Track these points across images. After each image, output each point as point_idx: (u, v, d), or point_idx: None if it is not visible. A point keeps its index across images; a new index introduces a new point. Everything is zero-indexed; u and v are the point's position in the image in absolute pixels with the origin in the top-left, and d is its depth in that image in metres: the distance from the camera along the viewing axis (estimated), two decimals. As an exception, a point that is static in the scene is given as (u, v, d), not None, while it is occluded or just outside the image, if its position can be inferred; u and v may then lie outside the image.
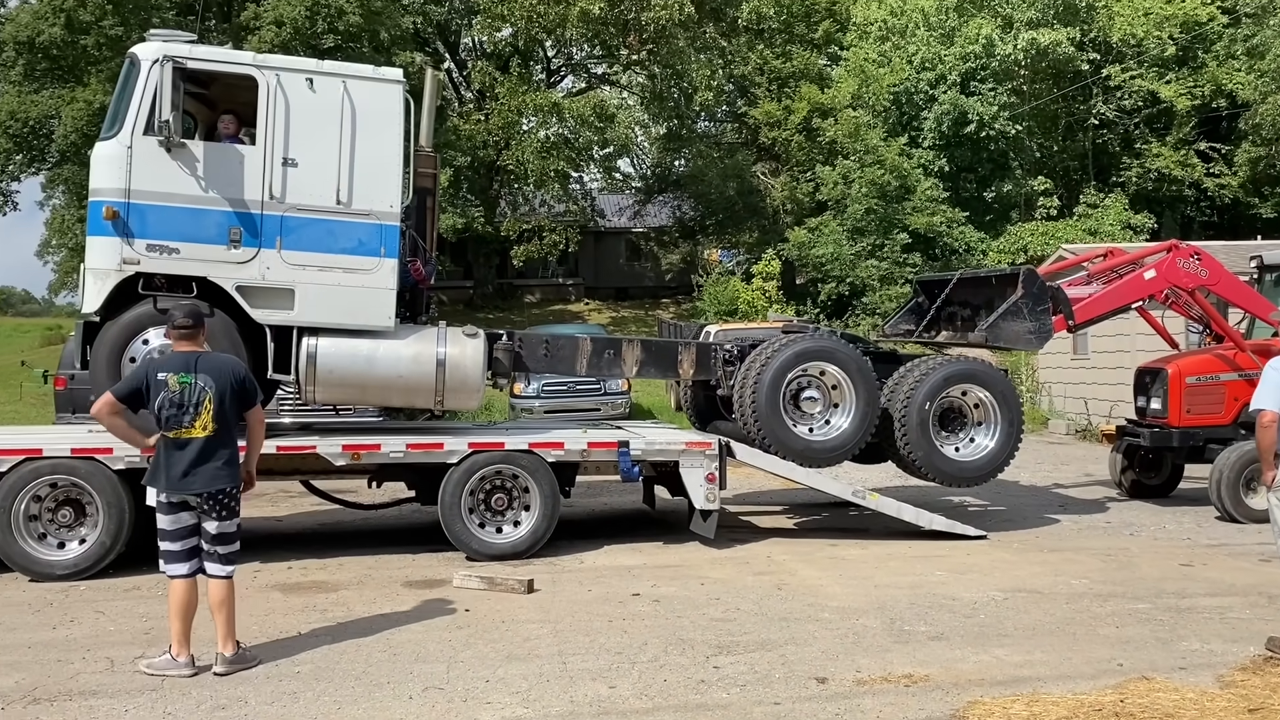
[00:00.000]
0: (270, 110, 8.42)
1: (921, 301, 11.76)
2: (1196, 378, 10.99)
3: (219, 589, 5.86)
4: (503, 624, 6.82)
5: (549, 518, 8.83)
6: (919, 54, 32.97)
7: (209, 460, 5.77)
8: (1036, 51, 31.33)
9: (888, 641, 6.39)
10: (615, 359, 9.90)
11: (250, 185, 8.38)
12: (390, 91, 8.75)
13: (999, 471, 9.91)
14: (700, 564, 8.66)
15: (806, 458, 9.41)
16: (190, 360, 5.84)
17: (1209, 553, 9.03)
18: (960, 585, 7.83)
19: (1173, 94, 31.19)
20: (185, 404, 5.73)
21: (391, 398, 9.12)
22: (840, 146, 31.98)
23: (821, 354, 9.52)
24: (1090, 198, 32.20)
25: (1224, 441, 10.76)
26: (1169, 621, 6.81)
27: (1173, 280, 10.74)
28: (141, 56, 8.27)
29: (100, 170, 8.30)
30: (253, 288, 8.41)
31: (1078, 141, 34.69)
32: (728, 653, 6.19)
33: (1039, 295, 9.86)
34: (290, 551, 9.14)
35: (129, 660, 6.09)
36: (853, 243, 31.01)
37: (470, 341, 8.89)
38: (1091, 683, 5.59)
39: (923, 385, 9.53)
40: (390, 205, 8.68)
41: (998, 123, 31.57)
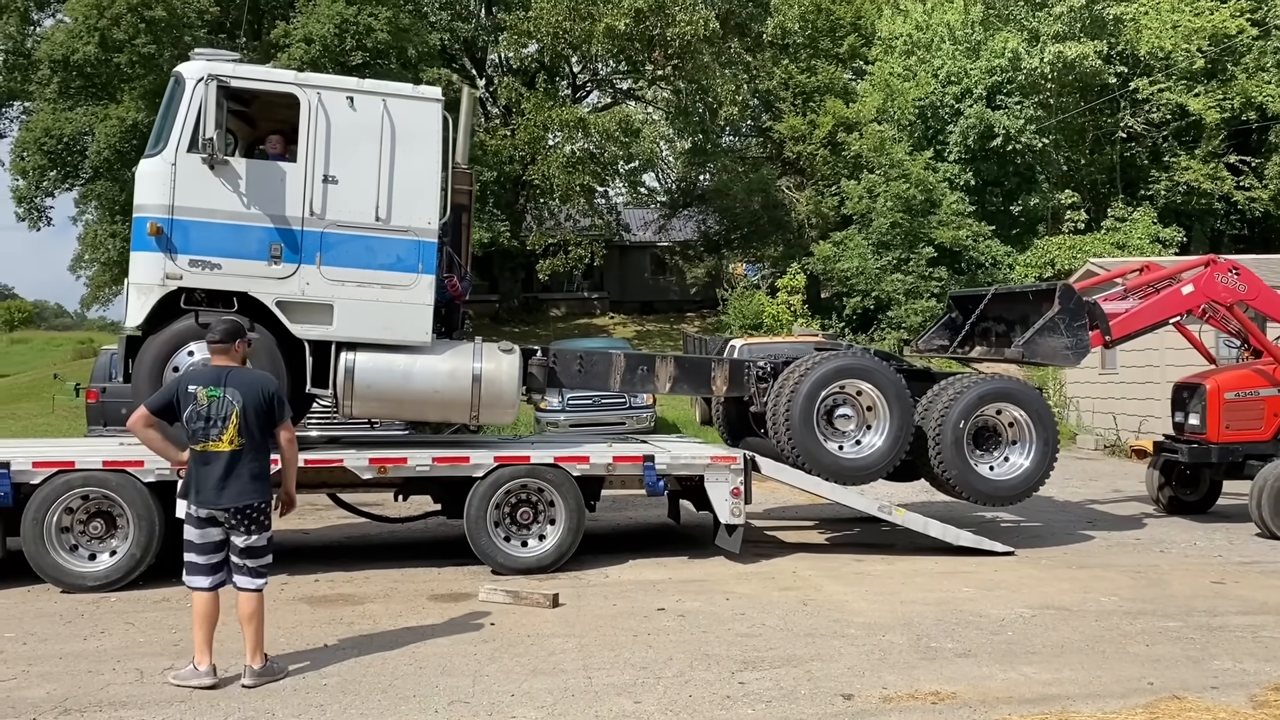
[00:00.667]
0: (311, 128, 8.55)
1: (955, 317, 11.73)
2: (1235, 393, 10.88)
3: (248, 602, 5.90)
4: (528, 638, 6.83)
5: (574, 532, 8.84)
6: (944, 68, 32.92)
7: (236, 475, 5.81)
8: (1063, 65, 31.18)
9: (914, 658, 6.35)
10: (649, 375, 9.94)
11: (291, 202, 8.52)
12: (429, 109, 8.89)
13: (1034, 490, 9.85)
14: (725, 579, 8.64)
15: (839, 475, 9.38)
16: (221, 374, 5.91)
17: (1241, 570, 8.92)
18: (988, 602, 7.77)
19: (1201, 107, 30.94)
20: (213, 417, 5.79)
21: (428, 413, 9.19)
22: (865, 160, 31.96)
23: (856, 372, 9.50)
24: (1119, 211, 31.98)
25: (1263, 457, 10.67)
26: (1200, 640, 6.73)
27: (1211, 295, 10.66)
28: (186, 75, 8.43)
29: (145, 187, 8.45)
30: (292, 303, 8.54)
31: (1105, 155, 34.44)
32: (753, 668, 6.17)
33: (1076, 311, 9.81)
34: (318, 565, 9.19)
35: (158, 671, 6.15)
36: (878, 256, 30.94)
37: (506, 357, 8.97)
38: (1121, 701, 5.54)
39: (957, 403, 9.47)
40: (428, 222, 8.80)
41: (1024, 136, 31.45)
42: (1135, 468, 16.35)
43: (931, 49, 33.65)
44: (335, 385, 8.59)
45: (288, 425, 6.09)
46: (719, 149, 37.40)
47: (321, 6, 28.21)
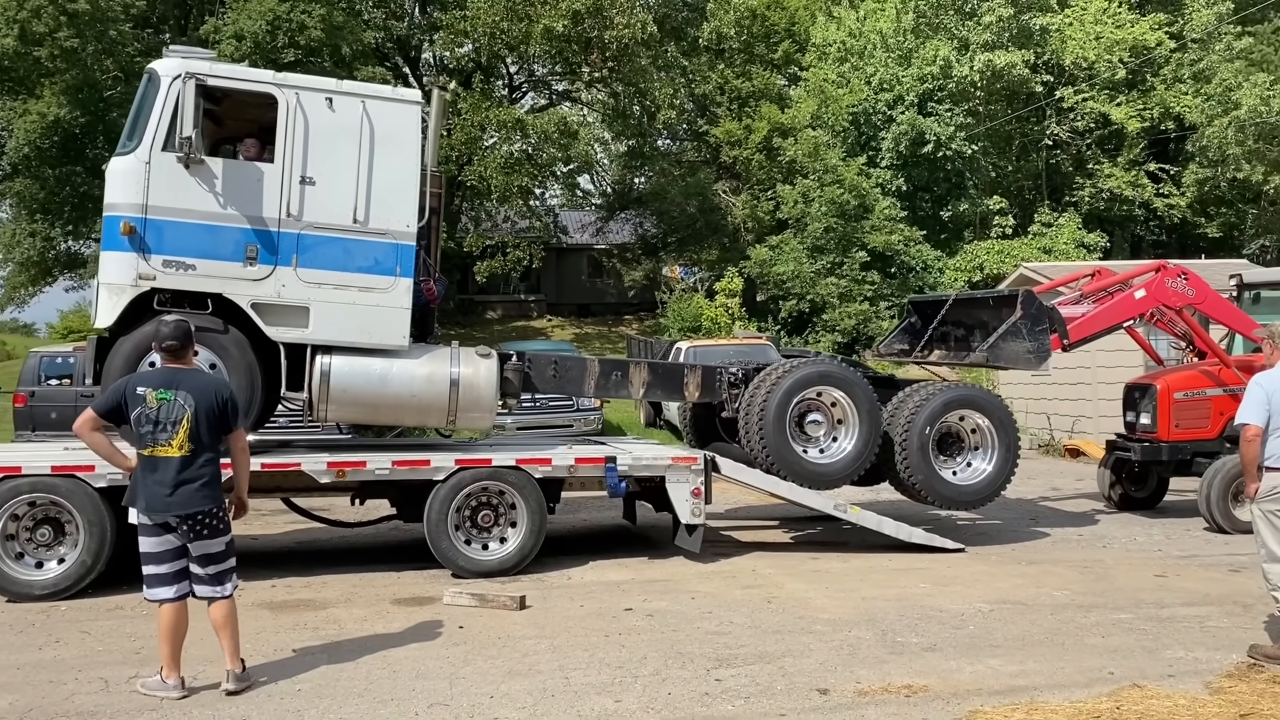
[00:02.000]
0: (289, 129, 8.45)
1: (914, 321, 11.99)
2: (1184, 393, 11.23)
3: (218, 610, 5.75)
4: (499, 640, 6.82)
5: (536, 534, 8.84)
6: (877, 75, 33.51)
7: (186, 481, 5.59)
8: (992, 73, 31.94)
9: (883, 653, 6.48)
10: (623, 380, 9.98)
11: (268, 203, 8.40)
12: (408, 112, 8.85)
13: (997, 494, 10.11)
14: (688, 578, 8.71)
15: (811, 479, 9.51)
16: (173, 377, 5.69)
17: (1181, 564, 9.25)
18: (945, 597, 7.95)
19: (1123, 116, 31.93)
20: (162, 421, 5.57)
21: (404, 417, 9.13)
22: (800, 166, 32.36)
23: (827, 379, 9.64)
24: (1045, 217, 32.84)
25: (1211, 455, 11.02)
26: (1152, 631, 6.97)
27: (1161, 299, 10.99)
28: (161, 72, 8.26)
29: (117, 185, 8.27)
30: (268, 305, 8.42)
31: (1031, 162, 35.35)
32: (727, 665, 6.24)
33: (1037, 316, 10.08)
34: (271, 570, 9.04)
35: (124, 680, 6.02)
36: (813, 260, 31.36)
37: (484, 362, 8.94)
38: (1086, 691, 5.72)
39: (923, 410, 9.68)
40: (406, 225, 8.74)
41: (954, 143, 32.15)
42: (1070, 466, 16.86)
43: (864, 56, 34.24)
44: (310, 389, 8.48)
45: (240, 432, 5.94)
46: (656, 152, 37.58)
47: (253, 3, 27.69)
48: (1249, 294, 12.11)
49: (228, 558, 5.81)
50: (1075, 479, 15.03)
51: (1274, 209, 33.45)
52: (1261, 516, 6.28)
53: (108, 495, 8.05)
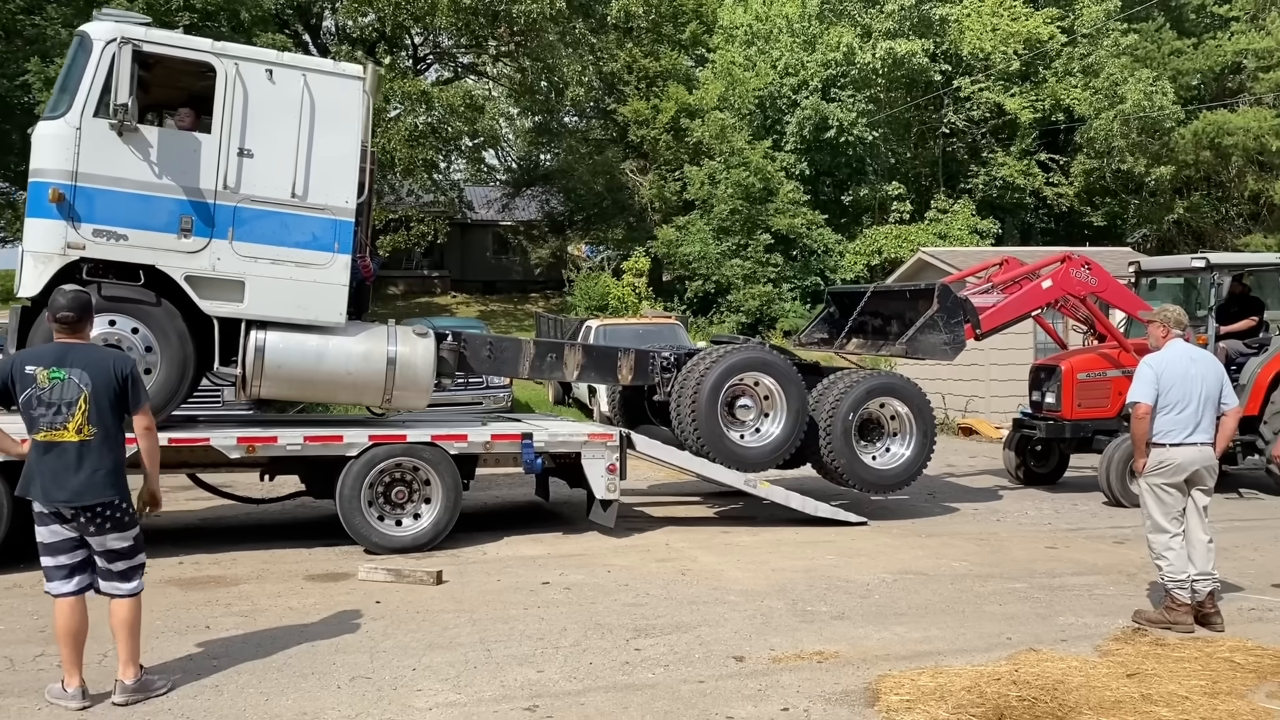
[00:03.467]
0: (228, 100, 8.27)
1: (833, 312, 12.38)
2: (1086, 374, 11.80)
3: (120, 609, 5.23)
4: (418, 614, 6.84)
5: (451, 510, 8.85)
6: (783, 59, 33.94)
7: (85, 468, 5.06)
8: (893, 61, 32.63)
9: (794, 622, 6.71)
10: (558, 362, 10.05)
11: (204, 174, 8.23)
12: (350, 86, 8.74)
13: (914, 478, 10.47)
14: (603, 552, 8.84)
15: (740, 462, 9.73)
16: (65, 353, 5.15)
17: (1069, 536, 9.73)
18: (851, 568, 8.24)
19: (1017, 107, 32.97)
20: (55, 403, 5.05)
21: (339, 394, 9.05)
22: (707, 147, 32.65)
23: (758, 365, 9.88)
24: (940, 203, 33.74)
25: (1110, 433, 11.63)
26: (1045, 599, 7.35)
27: (1067, 289, 11.48)
28: (94, 36, 8.01)
29: (45, 150, 7.99)
30: (202, 278, 8.26)
31: (929, 149, 36.29)
32: (645, 635, 6.39)
33: (953, 309, 10.47)
34: (178, 547, 8.88)
35: (29, 659, 5.89)
36: (719, 242, 31.72)
37: (421, 341, 8.90)
38: (986, 655, 6.02)
39: (847, 397, 9.98)
40: (345, 201, 8.66)
41: (856, 129, 32.78)
42: (964, 444, 17.49)
43: (770, 40, 34.62)
44: (244, 364, 8.33)
45: (145, 410, 5.30)
46: (564, 129, 37.46)
47: (147, -38, 26.65)
48: (1145, 280, 12.74)
49: (136, 553, 5.31)
50: (969, 456, 15.62)
51: (1154, 200, 34.98)
52: (1148, 489, 6.68)
53: (3, 471, 7.80)
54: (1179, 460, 6.53)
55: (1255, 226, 34.35)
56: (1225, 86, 35.14)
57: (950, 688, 5.42)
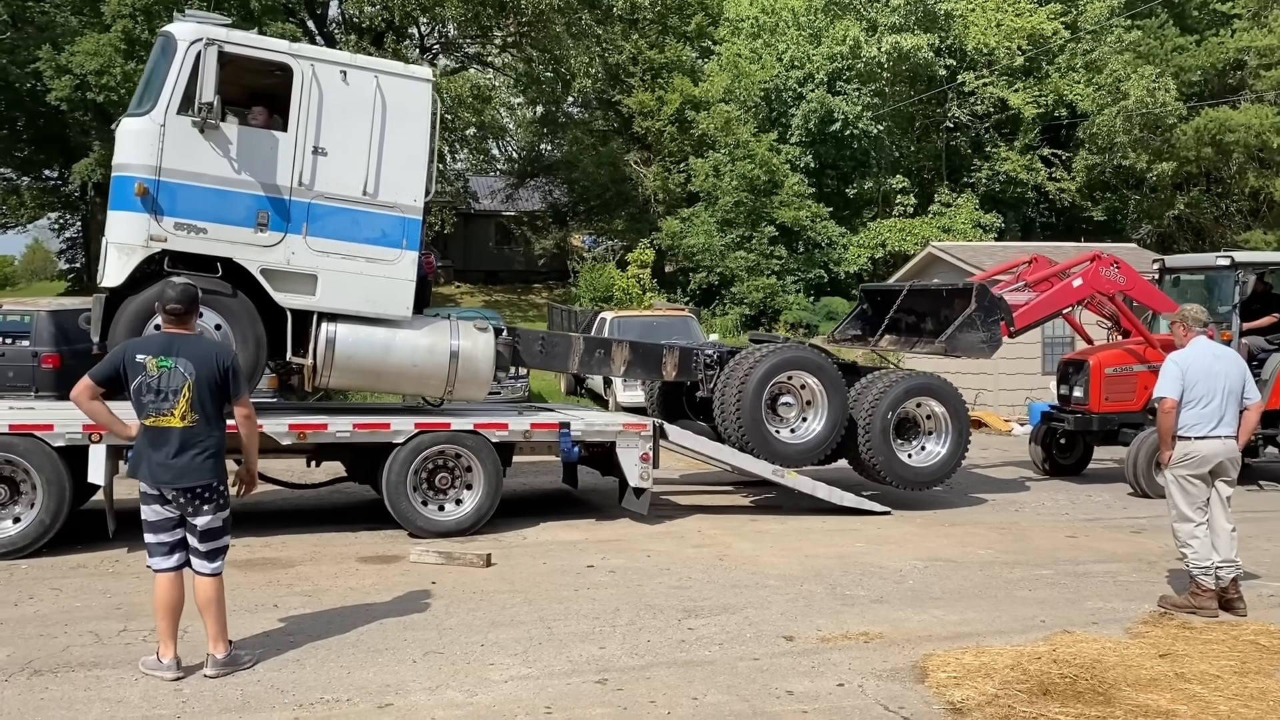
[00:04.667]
0: (304, 99, 8.59)
1: (866, 309, 12.71)
2: (1114, 368, 12.14)
3: (205, 587, 5.51)
4: (475, 595, 7.13)
5: (492, 496, 9.14)
6: (788, 52, 34.19)
7: (188, 452, 5.37)
8: (899, 55, 32.90)
9: (836, 605, 7.01)
10: (605, 358, 10.41)
11: (281, 171, 8.55)
12: (420, 89, 9.09)
13: (949, 476, 10.79)
14: (639, 538, 9.13)
15: (783, 458, 10.05)
16: (172, 343, 5.45)
17: (1087, 526, 10.05)
18: (882, 555, 8.55)
19: (1020, 102, 33.26)
20: (163, 390, 5.35)
21: (403, 385, 9.33)
22: (711, 139, 32.88)
23: (801, 364, 10.21)
24: (944, 197, 34.05)
25: (1136, 426, 11.97)
26: (1071, 585, 7.67)
27: (1097, 287, 11.78)
28: (178, 36, 8.33)
29: (129, 146, 8.31)
30: (277, 271, 8.59)
31: (932, 143, 36.57)
32: (695, 616, 6.69)
33: (990, 307, 10.77)
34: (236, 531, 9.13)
35: (114, 634, 6.17)
36: (723, 234, 31.98)
37: (482, 336, 9.24)
38: (1022, 636, 6.33)
39: (886, 396, 10.30)
40: (414, 199, 9.01)
41: (861, 122, 33.07)
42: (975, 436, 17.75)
43: (776, 33, 34.86)
44: (315, 355, 8.64)
45: (244, 399, 5.63)
46: (571, 120, 37.64)
47: (160, -49, 26.83)
48: (1170, 278, 13.08)
49: (222, 535, 5.59)
50: (980, 448, 15.83)
51: (1154, 195, 35.34)
52: (1174, 480, 6.98)
53: (66, 454, 8.07)
54: (1204, 452, 6.84)
55: (1255, 223, 34.73)
56: (1226, 83, 35.44)
57: (994, 665, 5.73)
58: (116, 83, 26.13)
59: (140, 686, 5.33)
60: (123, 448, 8.16)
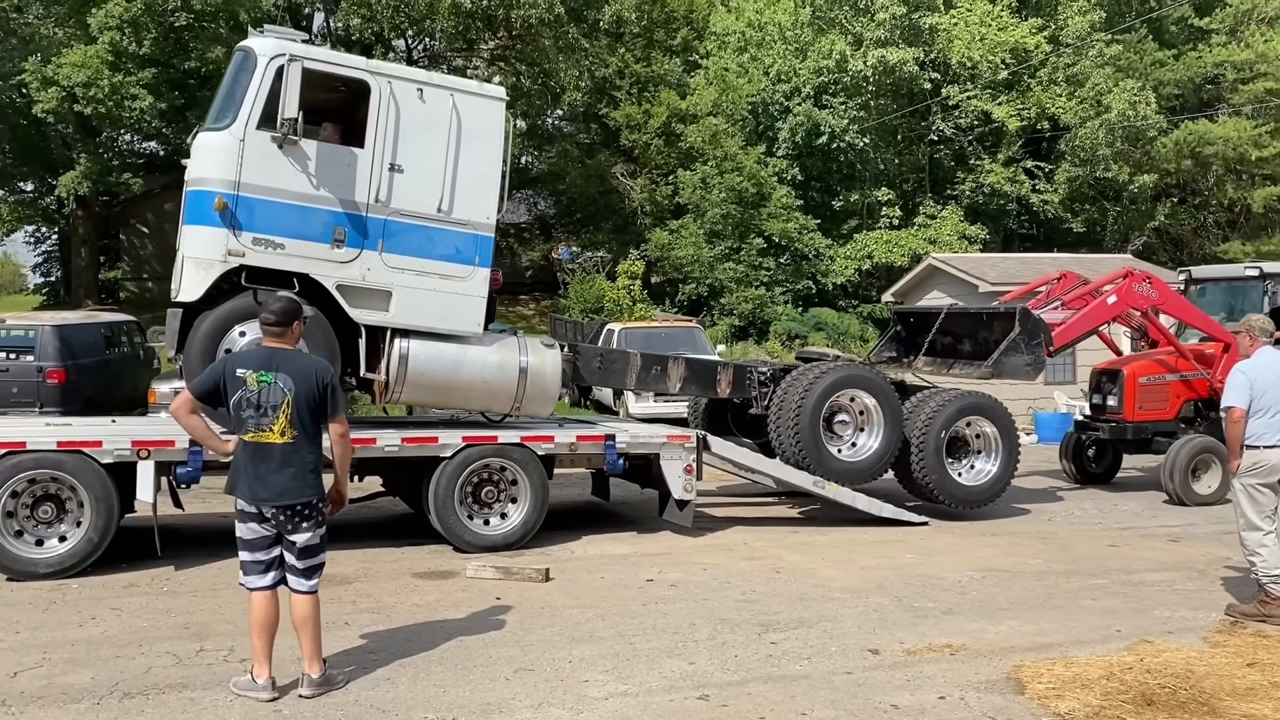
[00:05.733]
0: (381, 116, 8.55)
1: (899, 330, 12.82)
2: (1147, 378, 12.30)
3: (301, 605, 5.42)
4: (544, 610, 7.06)
5: (539, 509, 9.07)
6: (775, 66, 34.37)
7: (288, 469, 5.30)
8: (884, 69, 33.17)
9: (909, 617, 7.00)
10: (662, 374, 10.43)
11: (358, 188, 8.50)
12: (494, 108, 9.11)
13: (1000, 494, 10.84)
14: (687, 551, 9.09)
15: (841, 476, 10.12)
16: (272, 358, 5.40)
17: (1124, 535, 10.12)
18: (935, 566, 8.56)
19: (1004, 115, 33.57)
20: (263, 405, 5.28)
21: (473, 402, 9.26)
22: (698, 152, 32.98)
23: (860, 382, 10.31)
24: (929, 209, 34.33)
25: (1168, 434, 12.13)
26: (1132, 594, 7.71)
27: (1131, 303, 11.90)
28: (259, 51, 8.27)
29: (208, 160, 8.24)
30: (353, 287, 8.54)
31: (916, 155, 36.87)
32: (773, 630, 6.66)
33: (1034, 330, 10.87)
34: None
35: (193, 654, 6.06)
36: (711, 246, 32.05)
37: (549, 352, 9.25)
38: (1104, 646, 6.35)
39: (940, 415, 10.39)
40: (487, 217, 9.04)
41: (848, 135, 33.29)
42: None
43: (763, 47, 35.04)
44: (388, 371, 8.57)
45: (341, 417, 5.51)
46: (559, 133, 37.65)
47: (145, -40, 26.57)
48: (1195, 288, 13.26)
49: (320, 552, 5.53)
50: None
51: (1134, 207, 35.83)
52: (1242, 489, 7.04)
53: (114, 472, 7.94)
54: (1273, 461, 6.90)
55: (1233, 234, 35.29)
56: (1203, 97, 36.04)
57: (1087, 676, 5.75)
58: (104, 94, 25.84)
59: (238, 708, 5.23)
60: (171, 463, 8.14)
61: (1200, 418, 12.34)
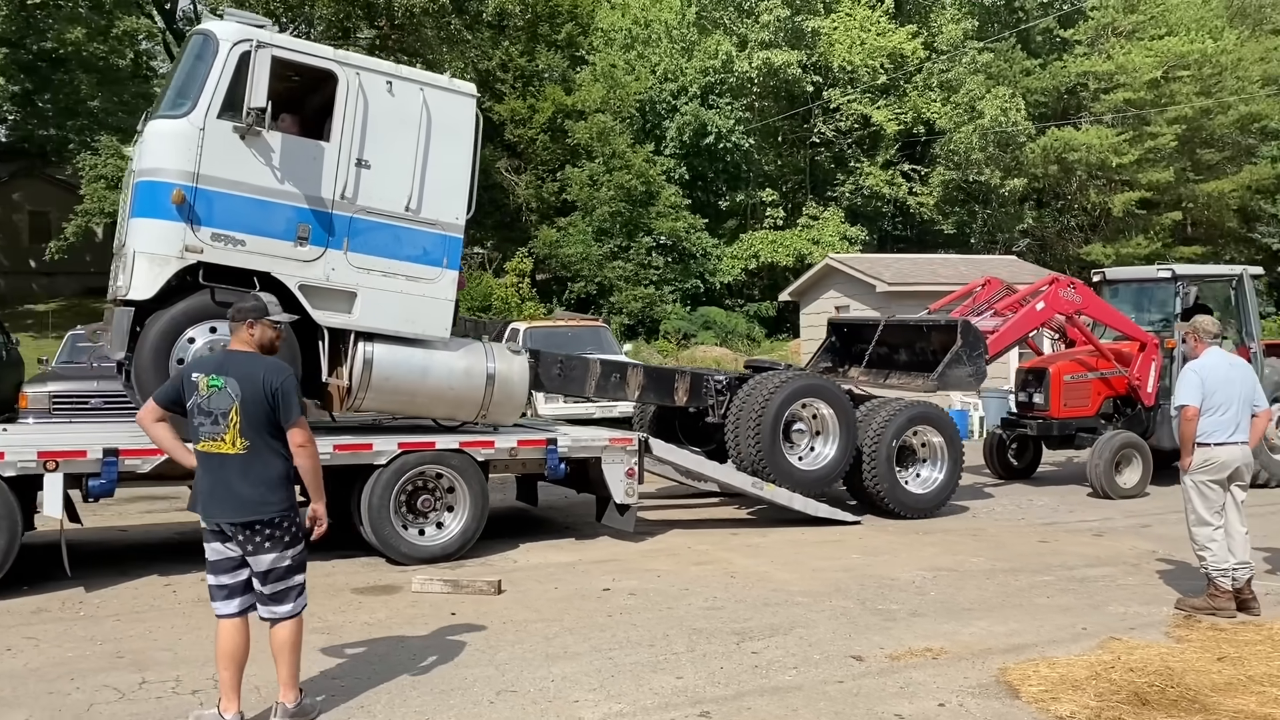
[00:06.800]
0: (348, 109, 8.06)
1: (834, 341, 12.92)
2: (1071, 376, 12.70)
3: (276, 632, 4.95)
4: (506, 625, 6.72)
5: (479, 518, 8.70)
6: (661, 64, 34.41)
7: (242, 483, 4.80)
8: (769, 70, 33.60)
9: (879, 621, 6.93)
10: (621, 382, 10.25)
11: (323, 183, 7.98)
12: (464, 104, 8.68)
13: (945, 502, 11.00)
14: (634, 557, 8.86)
15: (798, 483, 10.12)
16: (224, 361, 4.94)
17: (1049, 530, 10.35)
18: (884, 566, 8.54)
19: (882, 118, 34.48)
20: (213, 412, 4.81)
21: (437, 409, 8.80)
22: (586, 148, 32.73)
23: (816, 391, 10.36)
24: (812, 210, 34.94)
25: (1090, 430, 12.58)
26: (1081, 590, 7.83)
27: (1058, 308, 12.25)
28: (220, 36, 7.67)
29: (163, 149, 7.59)
30: (316, 288, 8.02)
31: (798, 157, 37.49)
32: (749, 638, 6.48)
33: (974, 342, 11.04)
34: (172, 564, 8.37)
35: (136, 687, 5.51)
36: (600, 244, 31.87)
37: (517, 359, 8.94)
38: (1077, 645, 6.38)
39: (891, 424, 10.51)
40: (456, 217, 8.62)
41: (734, 136, 33.58)
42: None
43: (649, 45, 35.04)
44: (351, 376, 8.02)
45: (299, 425, 4.92)
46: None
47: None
48: (1108, 289, 13.73)
49: (292, 575, 4.97)
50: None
51: (1002, 210, 37.23)
52: (1193, 486, 7.22)
53: (15, 485, 7.23)
54: (1223, 458, 7.09)
55: (1094, 236, 37.01)
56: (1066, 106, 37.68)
57: (1074, 677, 5.75)
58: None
59: (205, 748, 4.75)
60: (82, 476, 7.49)
61: (1119, 414, 12.82)
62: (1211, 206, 36.16)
